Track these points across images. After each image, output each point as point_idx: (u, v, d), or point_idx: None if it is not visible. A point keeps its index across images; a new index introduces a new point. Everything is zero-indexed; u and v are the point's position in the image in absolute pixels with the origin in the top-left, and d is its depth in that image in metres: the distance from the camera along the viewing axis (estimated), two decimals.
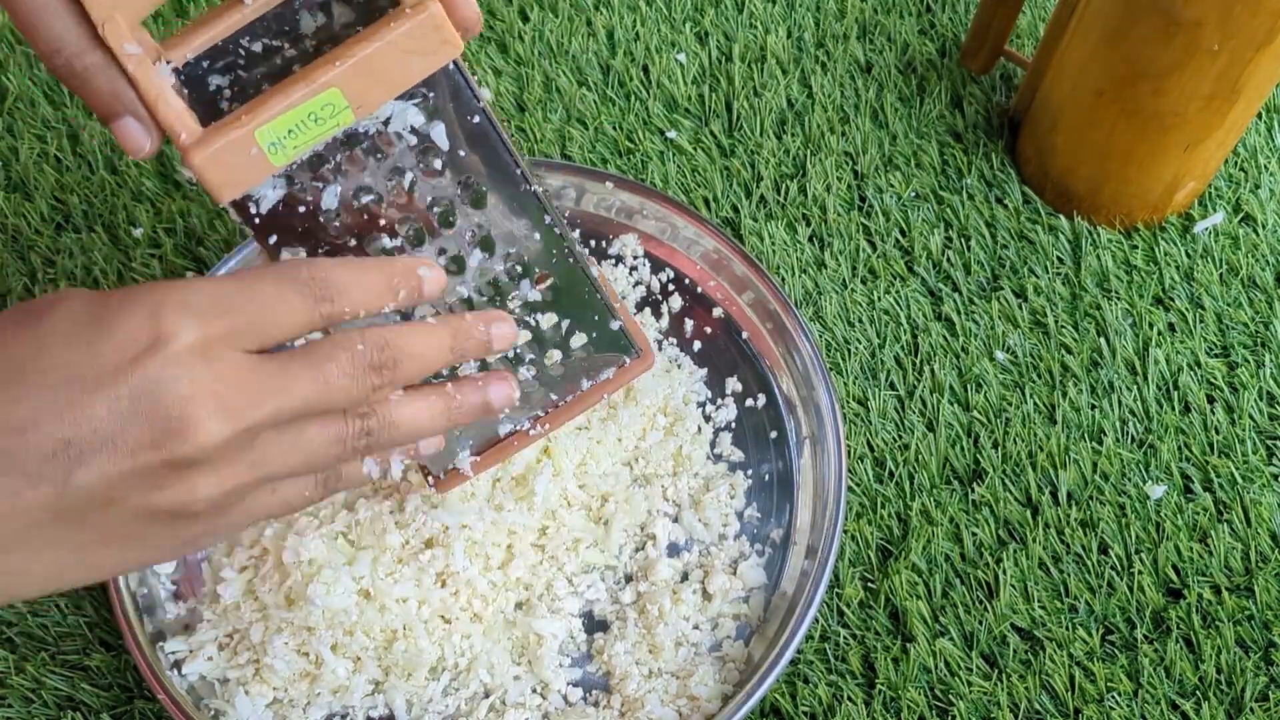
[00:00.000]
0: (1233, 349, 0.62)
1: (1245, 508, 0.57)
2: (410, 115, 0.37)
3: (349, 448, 0.37)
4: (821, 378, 0.57)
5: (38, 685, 0.52)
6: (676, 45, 0.72)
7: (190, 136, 0.35)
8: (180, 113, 0.35)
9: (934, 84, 0.71)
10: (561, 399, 0.48)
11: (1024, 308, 0.63)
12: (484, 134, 0.39)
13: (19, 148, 0.68)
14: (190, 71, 0.36)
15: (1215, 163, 0.64)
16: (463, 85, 0.37)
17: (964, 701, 0.52)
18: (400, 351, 0.36)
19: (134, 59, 0.34)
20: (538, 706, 0.52)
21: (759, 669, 0.50)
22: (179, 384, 0.31)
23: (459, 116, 0.38)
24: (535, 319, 0.44)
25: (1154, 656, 0.54)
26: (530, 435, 0.48)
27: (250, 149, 0.35)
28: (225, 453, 0.33)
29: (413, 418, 0.38)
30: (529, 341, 0.45)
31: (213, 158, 0.34)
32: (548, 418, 0.48)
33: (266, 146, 0.35)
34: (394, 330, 0.36)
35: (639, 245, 0.63)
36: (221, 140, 0.34)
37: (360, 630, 0.51)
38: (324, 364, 0.34)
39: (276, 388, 0.33)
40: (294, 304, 0.34)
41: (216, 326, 0.32)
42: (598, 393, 0.48)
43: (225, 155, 0.35)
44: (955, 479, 0.58)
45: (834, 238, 0.65)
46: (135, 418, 0.31)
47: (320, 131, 0.35)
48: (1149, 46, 0.57)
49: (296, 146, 0.35)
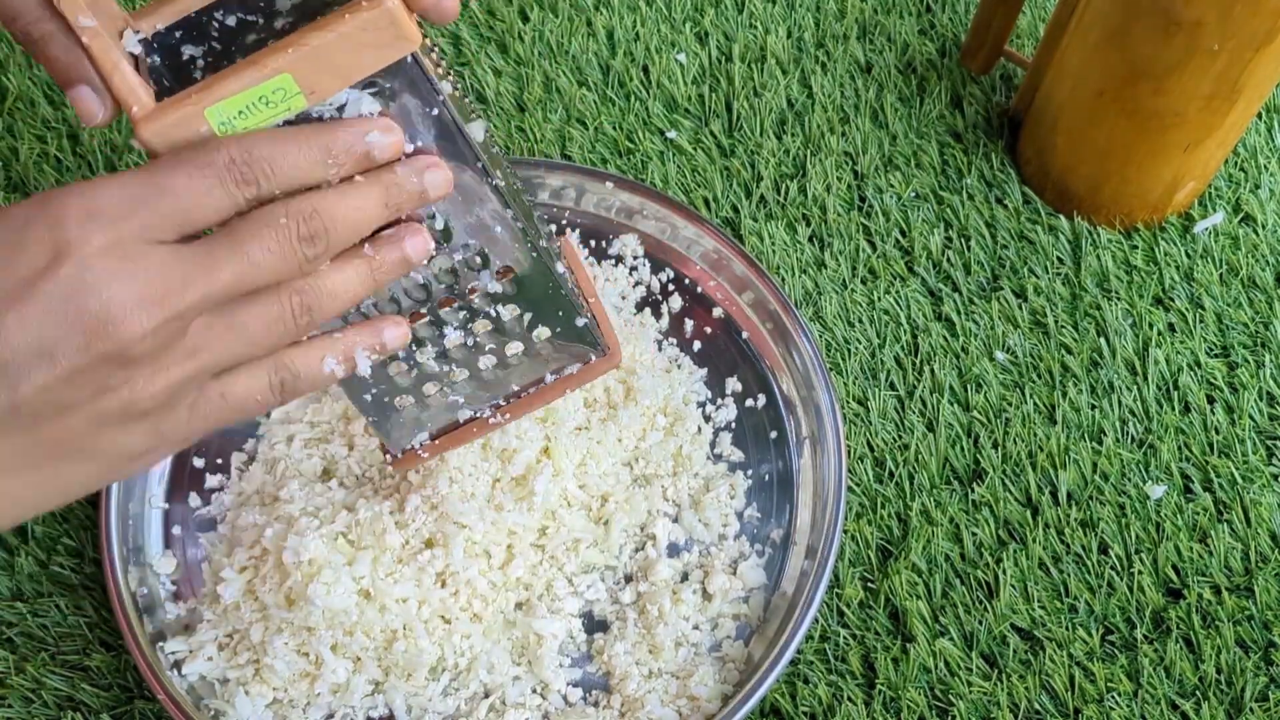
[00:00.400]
0: (1233, 349, 0.62)
1: (1245, 508, 0.57)
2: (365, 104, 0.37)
3: (289, 325, 0.36)
4: (821, 378, 0.57)
5: (38, 685, 0.52)
6: (676, 45, 0.72)
7: (141, 110, 0.35)
8: (134, 85, 0.35)
9: (934, 84, 0.71)
10: (524, 390, 0.48)
11: (1024, 308, 0.63)
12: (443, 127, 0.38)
13: (19, 148, 0.68)
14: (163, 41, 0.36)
15: (1215, 163, 0.64)
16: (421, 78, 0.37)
17: (964, 701, 0.52)
18: (330, 218, 0.35)
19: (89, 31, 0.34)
20: (538, 706, 0.52)
21: (759, 669, 0.50)
22: (95, 283, 0.31)
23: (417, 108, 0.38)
24: (496, 310, 0.44)
25: (1154, 656, 0.54)
26: (490, 423, 0.48)
27: (200, 127, 0.35)
28: (158, 343, 0.32)
29: (345, 283, 0.37)
30: (489, 331, 0.45)
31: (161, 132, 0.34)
32: (508, 408, 0.48)
33: (216, 125, 0.35)
34: (320, 196, 0.35)
35: (639, 245, 0.63)
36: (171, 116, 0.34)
37: (360, 630, 0.51)
38: (248, 242, 0.34)
39: (198, 271, 0.33)
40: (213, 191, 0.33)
41: (126, 226, 0.32)
42: (561, 387, 0.48)
43: (174, 131, 0.34)
44: (955, 479, 0.58)
45: (834, 238, 0.65)
46: (60, 325, 0.31)
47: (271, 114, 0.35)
48: (1149, 46, 0.57)
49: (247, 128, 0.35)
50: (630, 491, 0.56)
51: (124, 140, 0.68)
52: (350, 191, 0.36)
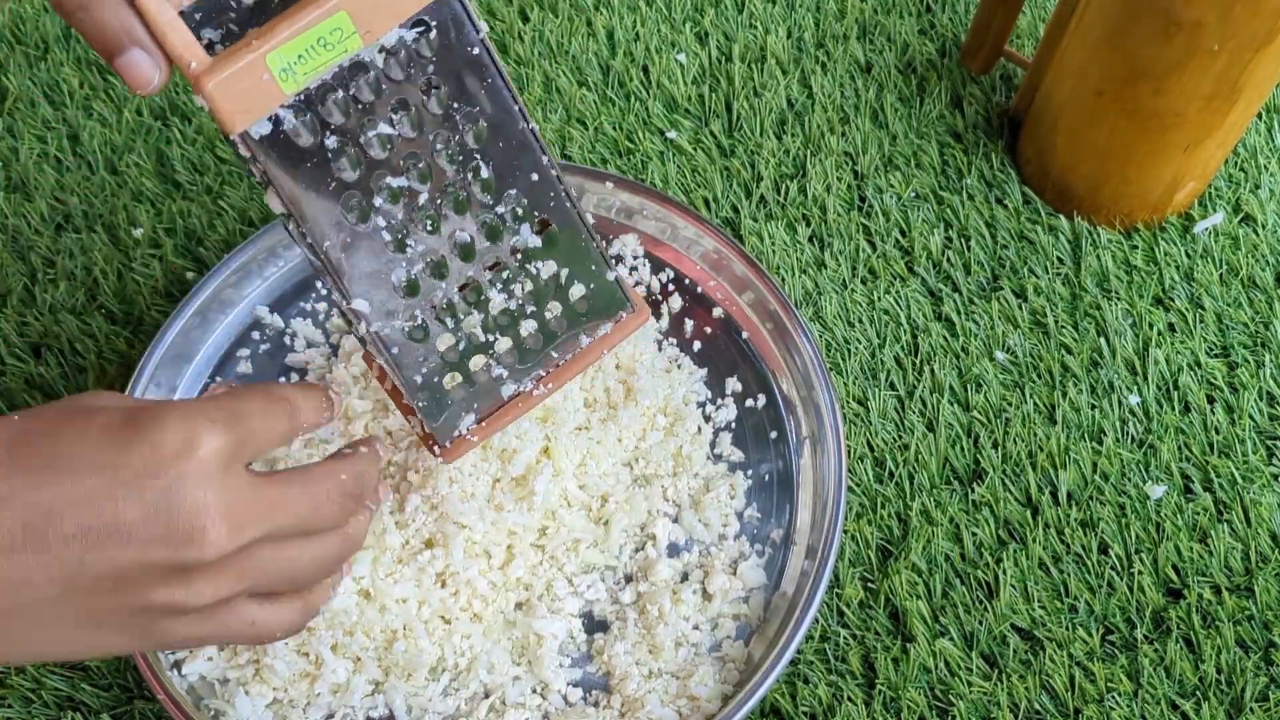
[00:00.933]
0: (1233, 349, 0.62)
1: (1245, 508, 0.57)
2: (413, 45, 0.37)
3: (336, 558, 0.40)
4: (821, 378, 0.57)
5: (38, 685, 0.52)
6: (676, 45, 0.72)
7: (200, 64, 0.34)
8: (189, 42, 0.34)
9: (934, 84, 0.71)
10: (562, 357, 0.48)
11: (1024, 308, 0.63)
12: (484, 66, 0.39)
13: (19, 148, 0.68)
14: None
15: (1215, 163, 0.64)
16: (463, 15, 0.37)
17: (964, 701, 0.52)
18: (369, 482, 0.41)
19: None
20: (538, 707, 0.52)
21: (759, 669, 0.50)
22: (198, 493, 0.34)
23: (460, 48, 0.38)
24: (535, 267, 0.44)
25: (1154, 656, 0.54)
26: (534, 396, 0.48)
27: (261, 75, 0.34)
28: (225, 562, 0.35)
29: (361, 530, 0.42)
30: (529, 292, 0.45)
31: (224, 85, 0.34)
32: (550, 376, 0.48)
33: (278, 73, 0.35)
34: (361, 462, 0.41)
35: (639, 245, 0.62)
36: (233, 66, 0.34)
37: (360, 630, 0.51)
38: (315, 488, 0.38)
39: (276, 506, 0.36)
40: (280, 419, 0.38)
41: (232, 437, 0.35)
42: (597, 349, 0.48)
43: (236, 82, 0.34)
44: (955, 479, 0.58)
45: (834, 238, 0.65)
46: (153, 516, 0.33)
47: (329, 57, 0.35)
48: (1149, 46, 0.57)
49: (307, 73, 0.35)
50: (630, 491, 0.56)
51: (124, 141, 0.68)
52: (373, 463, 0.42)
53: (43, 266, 0.64)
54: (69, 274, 0.64)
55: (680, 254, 0.63)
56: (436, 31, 0.38)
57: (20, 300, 0.63)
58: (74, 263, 0.64)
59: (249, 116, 0.36)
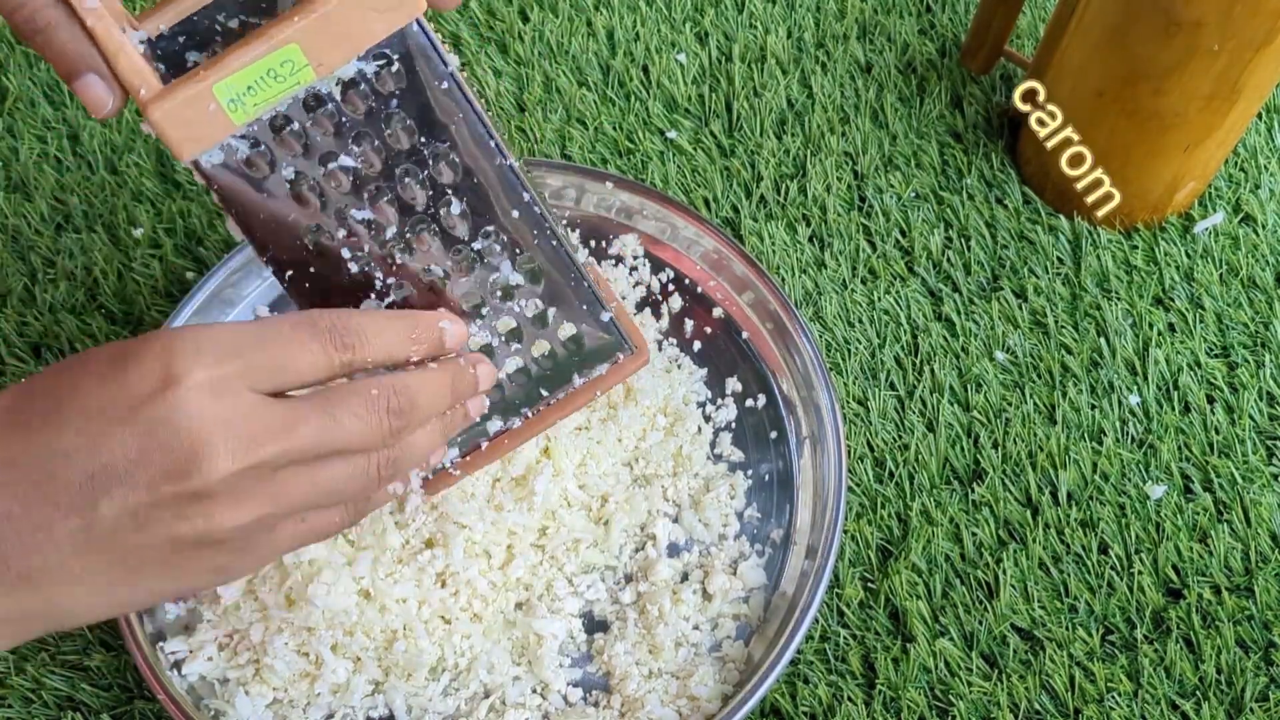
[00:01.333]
0: (1233, 349, 0.62)
1: (1245, 508, 0.57)
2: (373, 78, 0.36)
3: (374, 478, 0.38)
4: (821, 378, 0.57)
5: (38, 685, 0.52)
6: (676, 45, 0.72)
7: (149, 91, 0.34)
8: (140, 68, 0.34)
9: (934, 84, 0.71)
10: (553, 396, 0.47)
11: (1024, 308, 0.63)
12: (454, 101, 0.38)
13: (19, 148, 0.68)
14: (166, 46, 0.36)
15: (1215, 163, 0.64)
16: (428, 48, 0.36)
17: (964, 701, 0.52)
18: (414, 396, 0.38)
19: (93, 13, 0.34)
20: (538, 707, 0.52)
21: (759, 669, 0.50)
22: (186, 419, 0.33)
23: (427, 81, 0.37)
24: (519, 304, 0.43)
25: (1154, 656, 0.54)
26: (519, 435, 0.47)
27: (209, 104, 0.34)
28: (240, 485, 0.34)
29: (425, 439, 0.40)
30: (512, 330, 0.44)
31: (171, 113, 0.34)
32: (538, 417, 0.47)
33: (226, 103, 0.34)
34: (404, 377, 0.38)
35: (639, 245, 0.62)
36: (180, 95, 0.34)
37: (360, 630, 0.51)
38: (334, 408, 0.36)
39: (283, 426, 0.35)
40: (312, 350, 0.36)
41: (227, 367, 0.34)
42: (589, 390, 0.47)
43: (184, 110, 0.34)
44: (955, 479, 0.58)
45: (834, 238, 0.65)
46: (149, 451, 0.33)
47: (280, 89, 0.35)
48: (1149, 46, 0.57)
49: (257, 104, 0.35)
50: (630, 491, 0.56)
51: (124, 141, 0.68)
52: (429, 375, 0.39)
53: (43, 266, 0.64)
54: (69, 274, 0.64)
55: (680, 254, 0.63)
56: (400, 64, 0.37)
57: (20, 300, 0.63)
58: (74, 263, 0.64)
59: (198, 145, 0.36)
